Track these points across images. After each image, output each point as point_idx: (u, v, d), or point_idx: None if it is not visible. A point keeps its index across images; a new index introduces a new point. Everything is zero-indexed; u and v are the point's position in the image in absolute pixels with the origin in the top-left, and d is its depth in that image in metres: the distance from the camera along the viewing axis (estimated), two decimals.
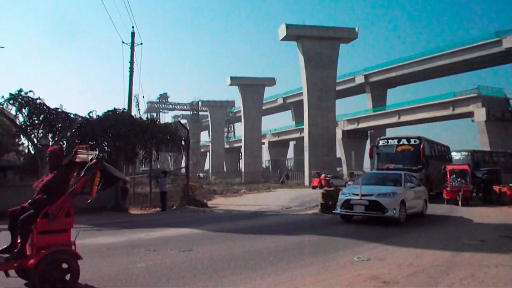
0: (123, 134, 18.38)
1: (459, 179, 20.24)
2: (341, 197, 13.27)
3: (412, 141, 22.74)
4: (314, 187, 39.47)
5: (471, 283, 6.07)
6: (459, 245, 9.15)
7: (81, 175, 5.52)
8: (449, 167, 21.29)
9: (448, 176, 20.53)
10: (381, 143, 23.91)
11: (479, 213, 16.41)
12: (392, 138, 24.12)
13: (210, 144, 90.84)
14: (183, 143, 21.65)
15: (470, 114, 47.22)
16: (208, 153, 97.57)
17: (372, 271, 6.68)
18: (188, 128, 25.61)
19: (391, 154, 22.90)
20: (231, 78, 72.67)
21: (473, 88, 47.86)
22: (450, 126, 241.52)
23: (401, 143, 22.96)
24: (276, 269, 6.86)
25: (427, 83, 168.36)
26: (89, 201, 5.74)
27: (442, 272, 6.63)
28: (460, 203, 19.49)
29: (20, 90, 17.41)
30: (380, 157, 23.25)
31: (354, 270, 6.75)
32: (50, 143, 18.09)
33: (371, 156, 24.16)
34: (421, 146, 22.09)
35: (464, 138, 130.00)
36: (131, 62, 21.97)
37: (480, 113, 45.10)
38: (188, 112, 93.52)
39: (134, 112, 21.57)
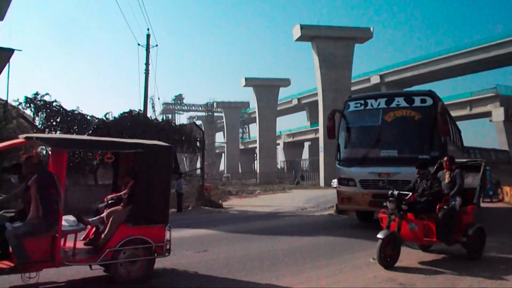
0: (139, 135, 18.54)
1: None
2: None
3: (417, 101, 11.11)
4: None
5: (489, 285, 5.99)
6: None
7: None
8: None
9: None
10: (351, 106, 12.24)
11: None
12: (375, 97, 12.18)
13: (225, 145, 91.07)
14: (198, 144, 21.75)
15: (488, 114, 46.51)
16: (223, 154, 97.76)
17: (389, 273, 6.64)
18: (203, 129, 25.70)
19: (371, 129, 11.81)
20: (246, 79, 72.70)
21: (491, 87, 47.01)
22: (468, 126, 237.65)
23: (393, 105, 11.37)
24: (291, 270, 6.86)
25: (443, 83, 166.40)
26: None
27: (460, 274, 6.55)
28: None
29: (36, 94, 17.72)
30: (350, 135, 12.39)
31: (370, 272, 6.71)
32: None
33: (331, 134, 12.71)
34: (439, 110, 10.50)
35: (481, 139, 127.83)
36: (147, 64, 22.19)
37: (498, 112, 44.39)
38: (203, 113, 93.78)
39: (149, 113, 21.79)
